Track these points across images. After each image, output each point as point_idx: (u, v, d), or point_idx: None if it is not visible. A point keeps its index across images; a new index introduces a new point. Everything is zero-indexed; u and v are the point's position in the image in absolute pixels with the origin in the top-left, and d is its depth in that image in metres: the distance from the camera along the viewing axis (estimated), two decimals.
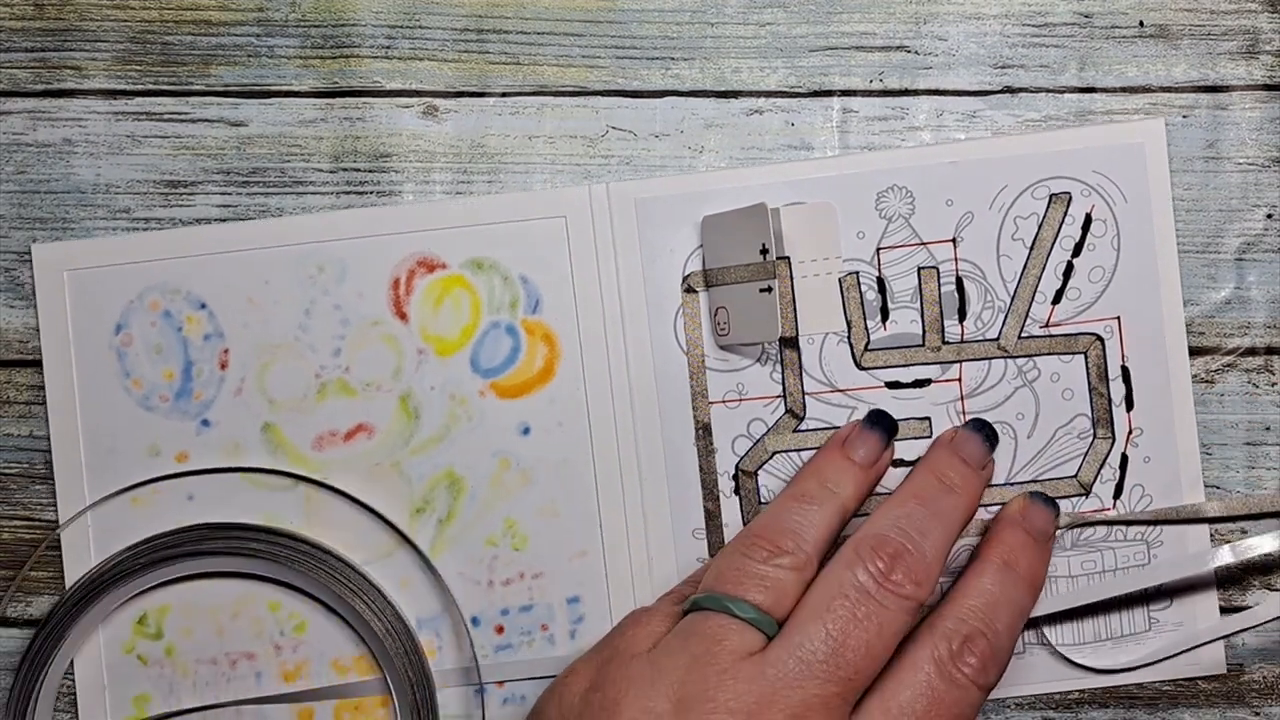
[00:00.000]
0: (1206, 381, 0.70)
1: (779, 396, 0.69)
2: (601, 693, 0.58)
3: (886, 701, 0.58)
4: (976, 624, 0.60)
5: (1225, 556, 0.68)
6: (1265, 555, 0.68)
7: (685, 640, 0.58)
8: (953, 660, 0.59)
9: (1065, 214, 0.69)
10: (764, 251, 0.66)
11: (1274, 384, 0.70)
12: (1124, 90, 0.70)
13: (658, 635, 0.60)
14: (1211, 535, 0.70)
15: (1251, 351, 0.70)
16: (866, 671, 0.57)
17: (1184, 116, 0.70)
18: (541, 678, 0.70)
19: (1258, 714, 0.70)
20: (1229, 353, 0.70)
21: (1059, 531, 0.69)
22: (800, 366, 0.69)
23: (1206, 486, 0.70)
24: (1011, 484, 0.69)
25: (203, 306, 0.69)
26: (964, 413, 0.69)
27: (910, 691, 0.58)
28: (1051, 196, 0.69)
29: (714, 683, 0.56)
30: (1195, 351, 0.70)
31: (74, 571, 0.69)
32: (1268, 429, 0.70)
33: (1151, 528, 0.69)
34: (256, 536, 0.68)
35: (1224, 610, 0.70)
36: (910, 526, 0.61)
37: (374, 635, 0.68)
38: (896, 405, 0.69)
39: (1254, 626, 0.69)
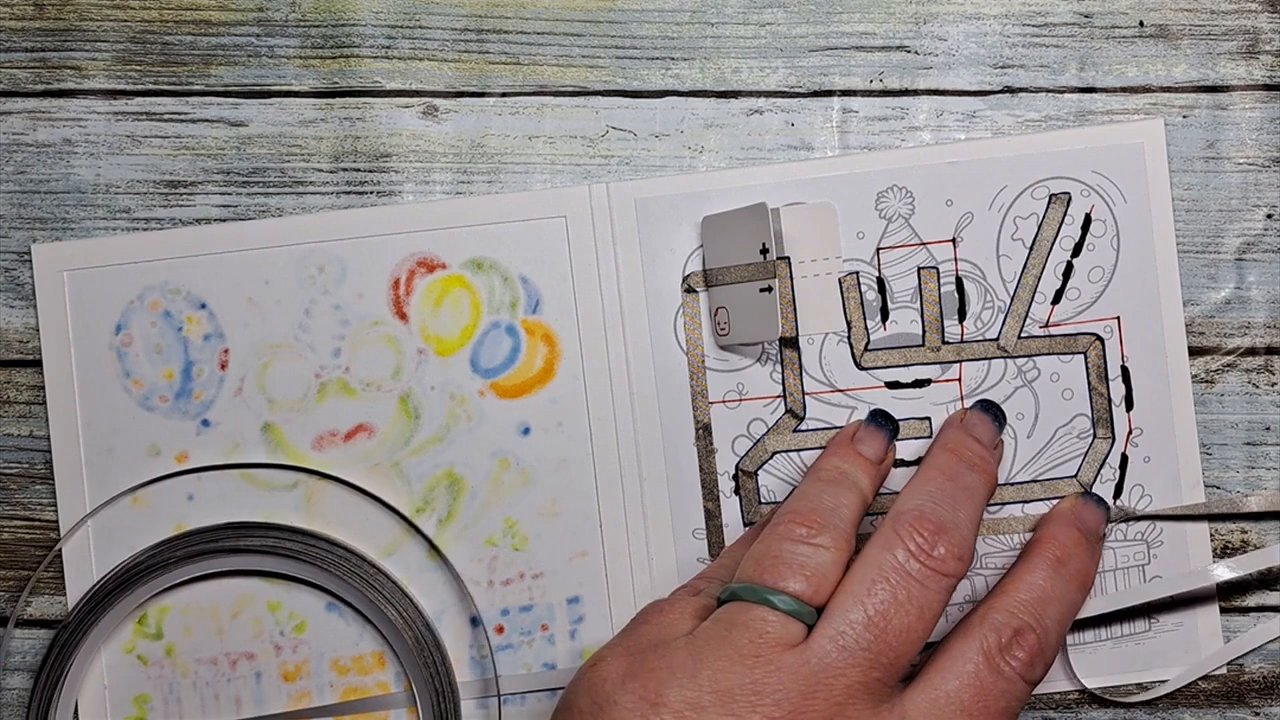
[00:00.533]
0: (1206, 381, 0.70)
1: (779, 396, 0.69)
2: (640, 682, 0.57)
3: (933, 690, 0.57)
4: (1027, 618, 0.59)
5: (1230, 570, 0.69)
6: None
7: (727, 630, 0.57)
8: (1001, 652, 0.58)
9: (1065, 214, 0.69)
10: (764, 251, 0.66)
11: (1274, 384, 0.70)
12: (1124, 90, 0.70)
13: (689, 624, 0.60)
14: (1211, 535, 0.70)
15: (1251, 351, 0.70)
16: (908, 654, 0.57)
17: (1184, 116, 0.70)
18: (547, 689, 0.70)
19: (1258, 714, 0.70)
20: (1229, 353, 0.70)
21: (1109, 528, 0.69)
22: (800, 366, 0.69)
23: (1206, 486, 0.70)
24: (1011, 484, 0.69)
25: (203, 306, 0.69)
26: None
27: (958, 681, 0.57)
28: (1051, 196, 0.69)
29: (759, 675, 0.55)
30: (1195, 351, 0.70)
31: (74, 571, 0.69)
32: (1268, 429, 0.70)
33: (1152, 528, 0.69)
34: (291, 537, 0.69)
35: (1224, 611, 0.70)
36: (943, 500, 0.60)
37: (403, 642, 0.68)
38: (896, 405, 0.69)
39: (1258, 648, 0.70)
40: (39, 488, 0.70)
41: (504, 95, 0.71)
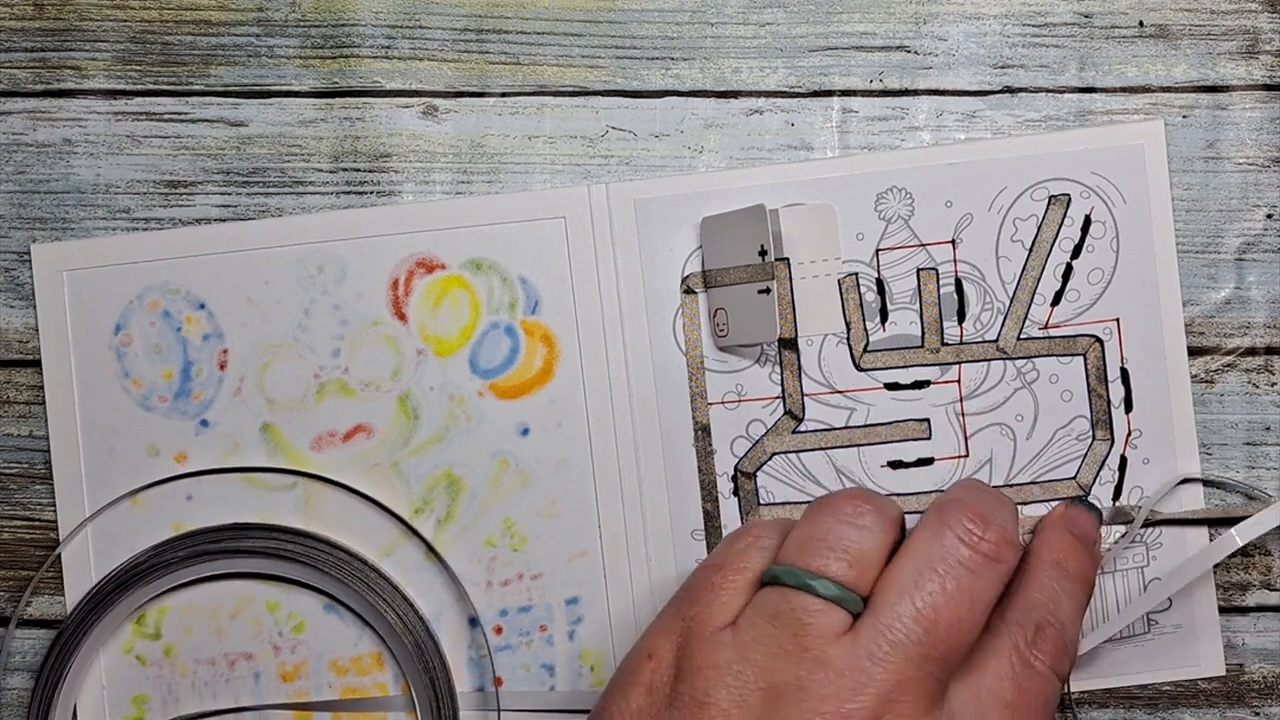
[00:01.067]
0: (1206, 381, 0.70)
1: (778, 398, 0.69)
2: (690, 684, 0.55)
3: (976, 688, 0.56)
4: (1043, 613, 0.59)
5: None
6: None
7: (770, 622, 0.56)
8: (1029, 648, 0.58)
9: (1064, 215, 0.69)
10: (763, 253, 0.66)
11: (1274, 384, 0.70)
12: (1124, 90, 0.70)
13: (735, 607, 0.58)
14: (1211, 536, 0.70)
15: (1251, 351, 0.70)
16: (960, 649, 0.56)
17: (1184, 116, 0.70)
18: (541, 710, 0.70)
19: (1258, 714, 0.70)
20: (1229, 353, 0.70)
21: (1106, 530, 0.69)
22: (799, 368, 0.69)
23: (1206, 487, 0.70)
24: (1010, 485, 0.69)
25: (202, 306, 0.69)
26: (963, 414, 0.69)
27: (996, 678, 0.57)
28: (1051, 198, 0.69)
29: (806, 671, 0.54)
30: (1195, 351, 0.70)
31: (72, 572, 0.69)
32: (1268, 429, 0.70)
33: (1151, 529, 0.69)
34: (290, 539, 0.69)
35: (1223, 610, 0.70)
36: (984, 496, 0.60)
37: (402, 646, 0.68)
38: (895, 407, 0.69)
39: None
40: (39, 488, 0.70)
41: (504, 95, 0.71)
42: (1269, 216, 0.70)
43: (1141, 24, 0.70)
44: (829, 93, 0.71)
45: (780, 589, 0.57)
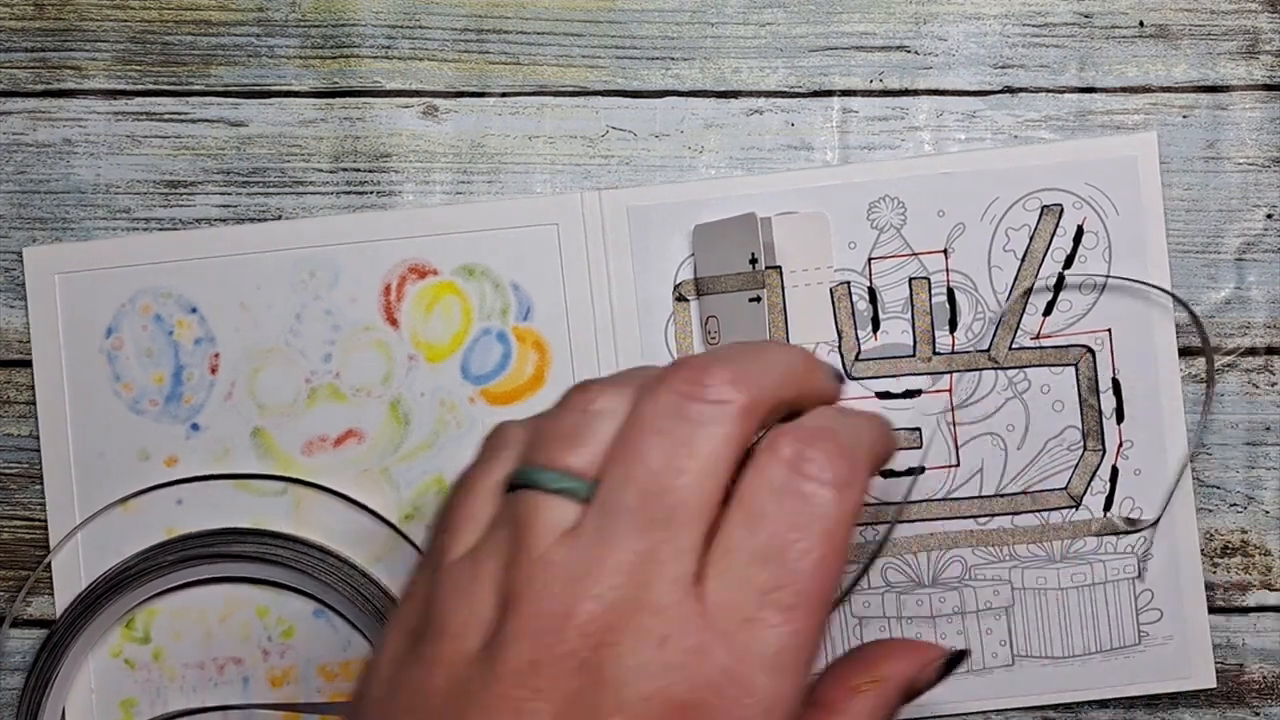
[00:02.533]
0: (1206, 382, 0.70)
1: None
2: (432, 615, 0.47)
3: (745, 508, 0.45)
4: (819, 425, 0.47)
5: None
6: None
7: (502, 531, 0.48)
8: (800, 459, 0.46)
9: (1057, 226, 0.68)
10: (753, 261, 0.65)
11: (1274, 384, 0.70)
12: (1124, 90, 0.70)
13: (483, 522, 0.49)
14: (1211, 535, 0.69)
15: (1251, 351, 0.70)
16: (694, 504, 0.45)
17: (1184, 116, 0.70)
18: None
19: (1257, 714, 0.70)
20: (1229, 353, 0.70)
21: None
22: None
23: (1206, 487, 0.70)
24: (1001, 495, 0.69)
25: (194, 310, 0.70)
26: (954, 423, 0.69)
27: (764, 493, 0.46)
28: (1043, 208, 0.68)
29: (531, 573, 0.45)
30: (1195, 351, 0.69)
31: (62, 575, 0.70)
32: (1268, 429, 0.70)
33: (1142, 540, 0.69)
34: (281, 544, 0.69)
35: (1221, 610, 0.70)
36: (734, 349, 0.49)
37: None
38: (887, 415, 0.69)
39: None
40: (38, 488, 0.70)
41: (504, 95, 0.71)
42: (1269, 216, 0.70)
43: (1141, 24, 0.70)
44: (829, 93, 0.71)
45: (514, 493, 0.48)
